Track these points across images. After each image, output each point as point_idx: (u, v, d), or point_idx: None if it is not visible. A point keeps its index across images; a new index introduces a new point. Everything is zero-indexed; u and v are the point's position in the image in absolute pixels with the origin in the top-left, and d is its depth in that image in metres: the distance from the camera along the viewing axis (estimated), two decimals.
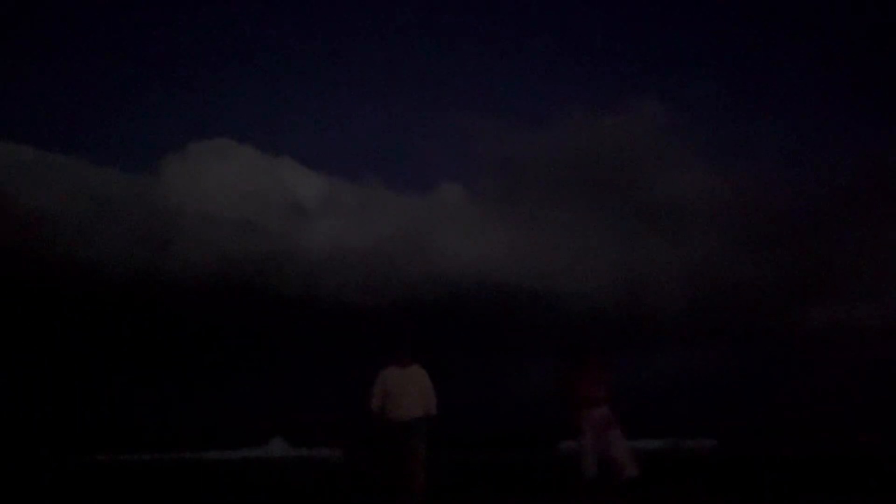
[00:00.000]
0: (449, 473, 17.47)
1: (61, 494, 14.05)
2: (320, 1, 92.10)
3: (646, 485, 7.09)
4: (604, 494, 6.49)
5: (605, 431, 6.80)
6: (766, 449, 37.06)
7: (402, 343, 6.32)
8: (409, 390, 6.13)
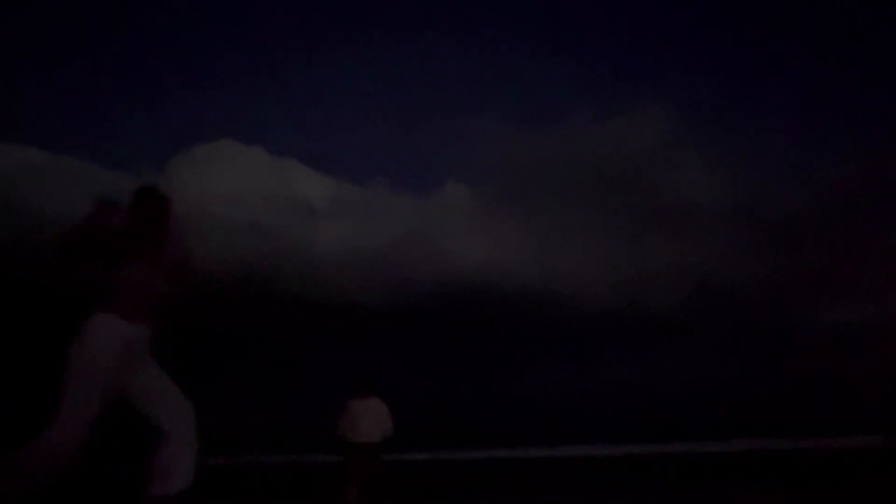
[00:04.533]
0: (451, 472, 17.82)
1: (83, 496, 14.47)
2: (327, 5, 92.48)
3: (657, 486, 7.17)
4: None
5: None
6: (770, 447, 37.25)
7: (361, 381, 7.91)
8: (367, 418, 7.68)
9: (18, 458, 3.41)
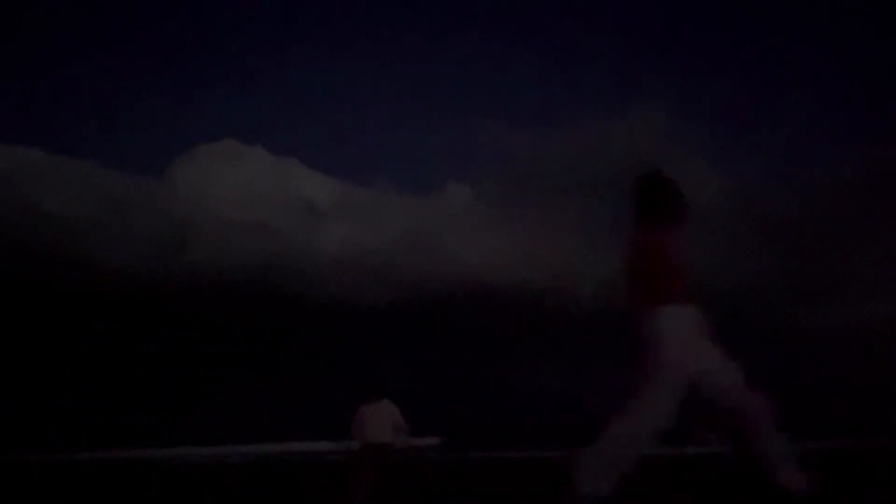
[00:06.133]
0: (454, 472, 17.87)
1: (93, 491, 14.53)
2: (329, 6, 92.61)
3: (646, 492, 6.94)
4: None
5: None
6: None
7: (370, 387, 8.59)
8: (377, 421, 8.35)
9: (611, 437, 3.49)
